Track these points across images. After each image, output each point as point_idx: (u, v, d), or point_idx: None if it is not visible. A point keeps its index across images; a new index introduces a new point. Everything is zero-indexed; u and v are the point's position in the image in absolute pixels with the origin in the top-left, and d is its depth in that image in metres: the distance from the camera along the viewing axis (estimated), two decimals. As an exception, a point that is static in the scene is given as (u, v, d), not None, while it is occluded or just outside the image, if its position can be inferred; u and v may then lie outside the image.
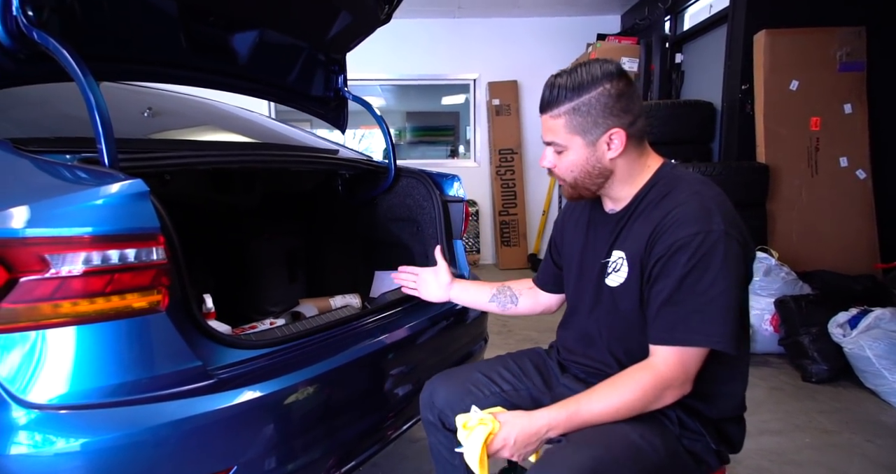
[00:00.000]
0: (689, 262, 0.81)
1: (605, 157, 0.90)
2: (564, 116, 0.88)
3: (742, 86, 3.24)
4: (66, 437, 0.76)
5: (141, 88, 1.63)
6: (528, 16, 5.23)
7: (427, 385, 1.10)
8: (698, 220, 0.82)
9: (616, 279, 0.93)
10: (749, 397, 0.96)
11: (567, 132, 0.89)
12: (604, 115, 0.87)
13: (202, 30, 1.27)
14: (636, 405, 0.84)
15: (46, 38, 0.87)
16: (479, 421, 0.87)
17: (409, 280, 1.33)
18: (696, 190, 0.87)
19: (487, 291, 1.25)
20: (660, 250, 0.84)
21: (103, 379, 0.78)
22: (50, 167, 0.82)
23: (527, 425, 0.84)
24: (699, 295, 0.81)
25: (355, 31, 1.58)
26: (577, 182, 0.94)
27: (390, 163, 1.68)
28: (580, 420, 0.84)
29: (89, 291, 0.76)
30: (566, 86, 0.87)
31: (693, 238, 0.81)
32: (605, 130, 0.87)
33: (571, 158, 0.91)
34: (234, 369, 0.93)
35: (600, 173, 0.92)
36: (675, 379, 0.83)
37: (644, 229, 0.88)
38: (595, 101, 0.86)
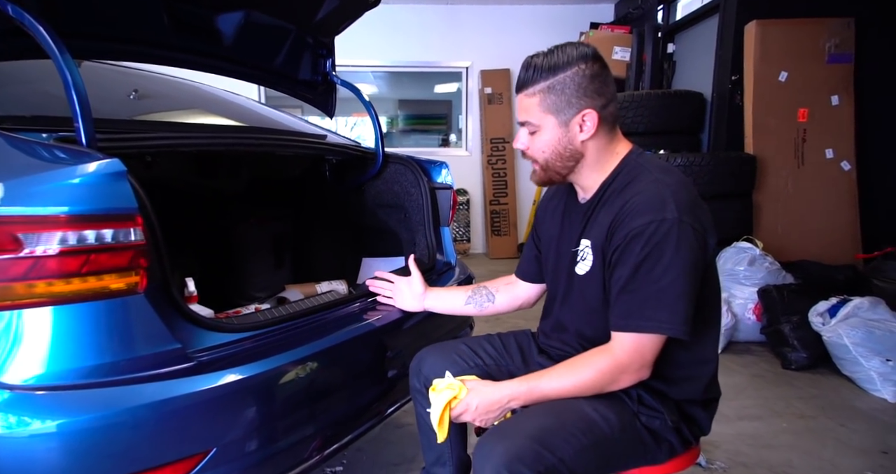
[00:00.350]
0: (642, 251, 0.83)
1: (577, 139, 0.90)
2: (539, 95, 0.89)
3: (732, 76, 3.25)
4: (41, 418, 0.75)
5: (128, 70, 1.60)
6: (521, 4, 5.19)
7: (417, 354, 1.15)
8: (652, 209, 0.84)
9: (583, 267, 0.95)
10: (730, 384, 0.99)
11: (541, 111, 0.90)
12: (577, 95, 0.87)
13: (186, 9, 1.25)
14: (591, 386, 0.88)
15: (21, 13, 0.85)
16: (447, 385, 0.94)
17: (385, 289, 1.31)
18: (656, 178, 0.88)
19: (462, 295, 1.25)
20: (618, 239, 0.87)
21: (79, 361, 0.78)
22: (25, 145, 0.80)
23: (490, 394, 0.90)
24: (652, 282, 0.83)
25: (343, 13, 1.55)
26: (548, 163, 0.94)
27: (378, 149, 1.67)
28: (539, 394, 0.89)
29: (65, 271, 0.75)
30: (542, 65, 0.88)
31: (647, 227, 0.83)
32: (578, 111, 0.88)
33: (544, 138, 0.92)
34: (215, 352, 0.93)
35: (571, 155, 0.92)
36: (631, 364, 0.86)
37: (606, 218, 0.90)
38: (570, 80, 0.87)
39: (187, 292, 1.25)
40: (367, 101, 1.68)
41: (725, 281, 2.72)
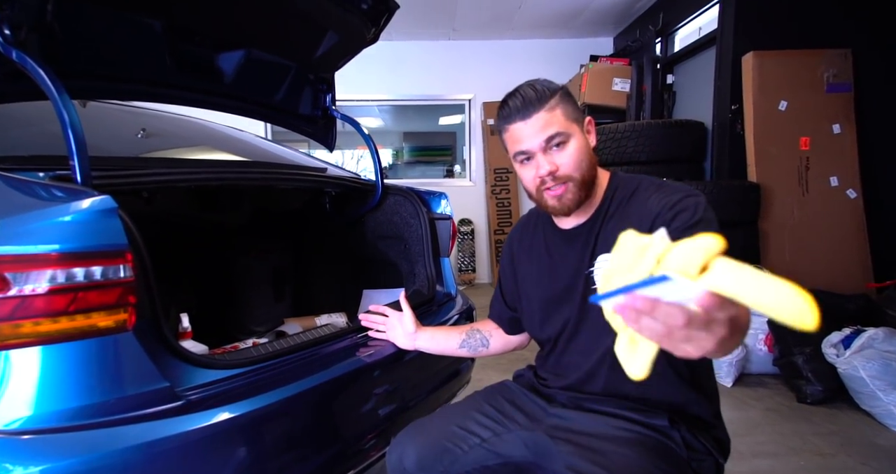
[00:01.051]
0: (693, 216, 0.80)
1: (592, 145, 0.93)
2: (560, 105, 0.89)
3: (732, 106, 3.28)
4: (24, 464, 0.73)
5: (138, 110, 1.65)
6: (522, 38, 5.33)
7: (394, 444, 0.99)
8: (682, 191, 0.85)
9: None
10: (743, 418, 0.95)
11: (566, 119, 0.89)
12: (574, 106, 0.92)
13: (187, 49, 1.28)
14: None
15: (24, 58, 0.88)
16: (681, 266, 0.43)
17: (377, 323, 1.26)
18: (661, 182, 0.91)
19: (456, 337, 1.19)
20: (655, 223, 0.81)
21: (65, 402, 0.76)
22: (20, 184, 0.81)
23: None
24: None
25: (342, 50, 1.59)
26: (583, 176, 0.89)
27: (377, 181, 1.67)
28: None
29: (52, 310, 0.74)
30: (540, 87, 0.90)
31: (686, 200, 0.82)
32: (584, 118, 0.93)
33: (577, 146, 0.89)
34: (205, 390, 0.90)
35: (593, 163, 0.92)
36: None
37: (626, 224, 0.83)
38: (566, 94, 0.92)
39: (181, 328, 1.23)
40: (366, 134, 1.70)
41: (734, 310, 2.66)
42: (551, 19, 4.88)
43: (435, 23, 4.92)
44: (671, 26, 4.24)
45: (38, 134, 1.20)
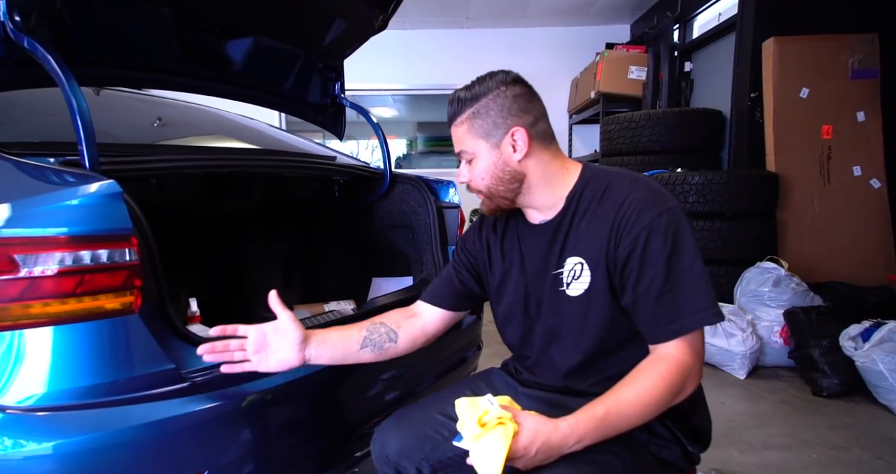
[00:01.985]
0: (665, 244, 0.80)
1: (513, 160, 0.88)
2: (466, 122, 0.89)
3: (751, 94, 3.20)
4: (36, 440, 0.75)
5: (156, 99, 1.67)
6: (536, 25, 5.25)
7: (377, 433, 0.98)
8: (654, 202, 0.82)
9: (578, 287, 0.88)
10: (755, 410, 0.93)
11: (471, 137, 0.89)
12: (502, 116, 0.87)
13: (196, 36, 1.29)
14: (663, 400, 0.77)
15: (34, 45, 0.89)
16: (497, 420, 0.72)
17: (230, 350, 0.89)
18: (633, 177, 0.88)
19: (356, 336, 0.97)
20: (628, 242, 0.81)
21: (74, 381, 0.78)
22: (29, 169, 0.83)
23: (553, 436, 0.73)
24: (688, 272, 0.79)
25: (350, 38, 1.59)
26: (490, 190, 0.91)
27: (385, 169, 1.68)
28: (609, 426, 0.75)
29: (60, 292, 0.76)
30: (464, 96, 0.89)
31: (660, 219, 0.81)
32: (506, 130, 0.87)
33: (481, 165, 0.90)
34: (210, 373, 0.92)
35: (512, 177, 0.89)
36: (695, 365, 0.80)
37: (599, 228, 0.85)
38: (492, 102, 0.87)
39: (190, 312, 1.26)
40: (375, 122, 1.70)
41: (750, 302, 2.62)
42: (566, 6, 4.80)
43: (448, 11, 4.87)
44: (690, 12, 4.13)
45: (53, 121, 1.22)
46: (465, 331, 1.58)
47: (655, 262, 0.80)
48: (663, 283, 0.79)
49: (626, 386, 0.78)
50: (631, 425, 0.77)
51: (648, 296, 0.80)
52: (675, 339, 0.79)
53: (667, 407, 0.79)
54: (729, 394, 2.26)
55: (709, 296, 0.79)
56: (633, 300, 0.82)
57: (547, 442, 0.73)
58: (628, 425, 0.77)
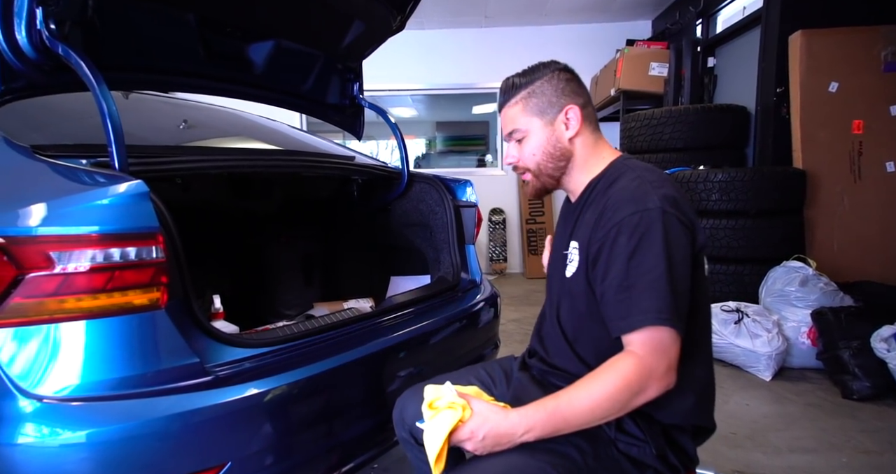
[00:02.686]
0: (629, 242, 0.81)
1: (564, 137, 0.94)
2: (521, 102, 0.95)
3: (777, 89, 3.12)
4: (70, 429, 0.79)
5: (182, 102, 1.73)
6: (556, 23, 5.22)
7: (398, 401, 1.08)
8: (633, 201, 0.83)
9: (570, 269, 0.93)
10: (781, 412, 0.90)
11: (525, 115, 0.95)
12: (557, 95, 0.93)
13: (219, 40, 1.33)
14: (620, 399, 0.78)
15: (68, 52, 0.93)
16: (448, 404, 0.79)
17: None
18: (638, 175, 0.88)
19: None
20: (599, 235, 0.85)
21: (105, 373, 0.82)
22: (62, 170, 0.86)
23: (501, 424, 0.77)
24: (646, 273, 0.79)
25: (369, 39, 1.61)
26: (539, 167, 0.96)
27: (403, 169, 1.69)
28: (560, 419, 0.77)
29: (92, 288, 0.80)
30: (519, 80, 0.95)
31: (630, 217, 0.81)
32: (561, 108, 0.93)
33: (533, 142, 0.95)
34: (233, 367, 0.95)
35: (562, 154, 0.95)
36: (658, 365, 0.78)
37: (591, 217, 0.90)
38: (547, 83, 0.94)
39: (213, 309, 1.29)
40: (392, 122, 1.72)
41: (776, 302, 2.56)
42: (586, 3, 4.75)
43: (467, 10, 4.87)
44: (713, 7, 4.04)
45: (86, 124, 1.27)
46: (483, 329, 1.58)
47: (617, 260, 0.82)
48: (620, 281, 0.81)
49: (584, 381, 0.80)
50: (585, 421, 0.78)
51: (609, 291, 0.83)
52: (636, 335, 0.79)
53: (626, 406, 0.79)
54: (754, 396, 2.21)
55: (661, 299, 0.78)
56: (601, 293, 0.85)
57: (495, 429, 0.77)
58: (582, 420, 0.78)
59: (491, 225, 5.40)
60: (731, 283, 2.79)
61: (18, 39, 0.94)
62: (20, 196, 0.82)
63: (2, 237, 0.76)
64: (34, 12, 0.92)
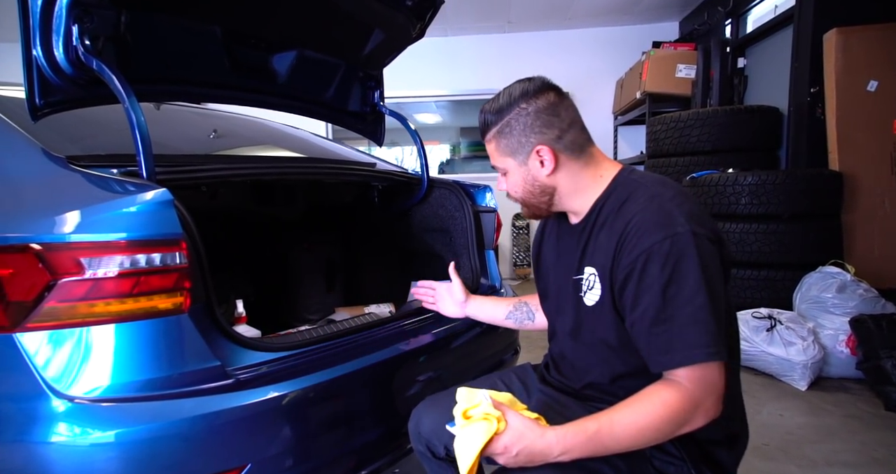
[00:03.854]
0: (663, 272, 0.75)
1: (541, 175, 0.89)
2: (494, 140, 0.91)
3: (811, 89, 3.01)
4: (100, 428, 0.81)
5: (210, 112, 1.79)
6: (580, 27, 5.18)
7: (413, 413, 1.07)
8: (660, 225, 0.77)
9: (591, 298, 0.88)
10: (819, 424, 0.87)
11: (500, 155, 0.92)
12: (525, 135, 0.87)
13: (244, 51, 1.36)
14: (664, 428, 0.74)
15: (102, 66, 0.97)
16: (483, 415, 0.76)
17: (427, 295, 1.32)
18: (653, 193, 0.82)
19: (504, 308, 1.24)
20: (626, 264, 0.79)
21: (132, 375, 0.84)
22: (94, 179, 0.90)
23: (537, 442, 0.74)
24: (685, 305, 0.74)
25: (389, 47, 1.63)
26: (525, 201, 0.94)
27: (423, 175, 1.70)
28: (598, 444, 0.74)
29: (120, 292, 0.83)
30: (490, 111, 0.90)
31: (661, 245, 0.76)
32: (531, 148, 0.88)
33: (512, 180, 0.93)
34: (253, 370, 0.97)
35: (542, 191, 0.91)
36: (706, 398, 0.75)
37: (609, 241, 0.84)
38: (514, 121, 0.87)
39: (237, 313, 1.32)
40: (413, 129, 1.73)
41: (812, 308, 2.46)
42: (611, 6, 4.70)
43: (490, 15, 4.89)
44: (743, 6, 3.95)
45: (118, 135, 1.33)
46: (503, 335, 1.57)
47: (650, 290, 0.76)
48: (657, 313, 0.76)
49: (625, 406, 0.76)
50: (623, 448, 0.75)
51: (643, 323, 0.78)
52: (686, 373, 0.75)
53: (668, 436, 0.76)
54: (788, 407, 2.12)
55: (707, 333, 0.74)
56: (630, 323, 0.80)
57: (529, 447, 0.74)
58: (620, 447, 0.75)
59: (514, 230, 5.37)
60: (761, 289, 2.70)
61: (56, 56, 0.98)
62: (55, 204, 0.86)
63: (38, 244, 0.80)
64: (71, 29, 0.97)
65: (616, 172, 0.90)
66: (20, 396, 0.81)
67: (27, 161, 0.97)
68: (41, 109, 1.01)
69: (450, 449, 0.96)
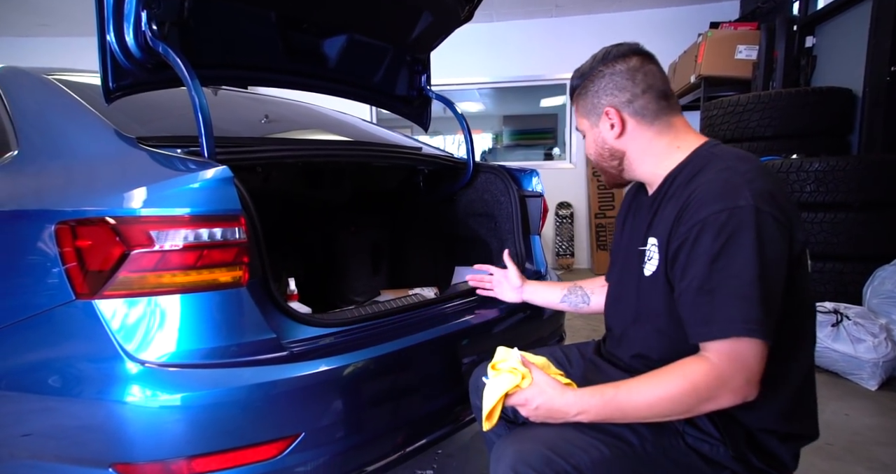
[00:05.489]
0: (715, 242, 0.74)
1: (610, 138, 0.92)
2: (575, 101, 0.97)
3: (892, 68, 2.78)
4: (168, 391, 0.87)
5: (262, 97, 1.85)
6: (631, 9, 4.98)
7: (476, 370, 1.12)
8: (721, 197, 0.76)
9: (650, 268, 0.88)
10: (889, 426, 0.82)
11: (579, 115, 0.97)
12: (598, 96, 0.91)
13: (296, 36, 1.40)
14: (683, 402, 0.75)
15: (168, 50, 1.02)
16: (510, 368, 0.84)
17: (485, 282, 1.36)
18: (728, 165, 0.80)
19: (559, 291, 1.26)
20: (681, 233, 0.79)
21: (196, 343, 0.89)
22: (161, 158, 0.95)
23: (556, 399, 0.79)
24: (733, 277, 0.73)
25: (437, 30, 1.62)
26: (597, 164, 0.99)
27: (469, 159, 1.70)
28: (615, 408, 0.77)
29: (185, 264, 0.87)
30: (576, 74, 0.96)
31: (718, 215, 0.74)
32: (601, 110, 0.91)
33: (587, 141, 0.98)
34: (307, 344, 1.00)
35: (611, 155, 0.94)
36: (734, 376, 0.74)
37: (671, 212, 0.83)
38: (590, 83, 0.92)
39: (289, 290, 1.37)
40: (459, 113, 1.73)
41: (884, 304, 2.29)
42: (665, -15, 4.48)
43: (537, 0, 4.77)
44: (814, -20, 3.67)
45: (185, 118, 1.39)
46: (547, 321, 1.55)
47: (699, 259, 0.76)
48: (701, 283, 0.75)
49: (649, 376, 0.79)
50: (642, 415, 0.78)
51: (688, 293, 0.77)
52: (715, 344, 0.74)
53: (691, 410, 0.76)
54: (855, 406, 2.00)
55: (749, 309, 0.72)
56: (678, 293, 0.80)
57: (549, 402, 0.79)
58: (638, 415, 0.78)
59: (558, 219, 5.28)
60: (827, 282, 2.54)
61: (127, 40, 1.04)
62: (127, 181, 0.91)
63: (113, 217, 0.86)
64: (140, 15, 1.02)
65: (698, 145, 0.88)
66: (99, 358, 0.87)
67: (102, 141, 1.03)
68: (114, 92, 1.07)
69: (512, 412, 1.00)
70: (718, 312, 0.74)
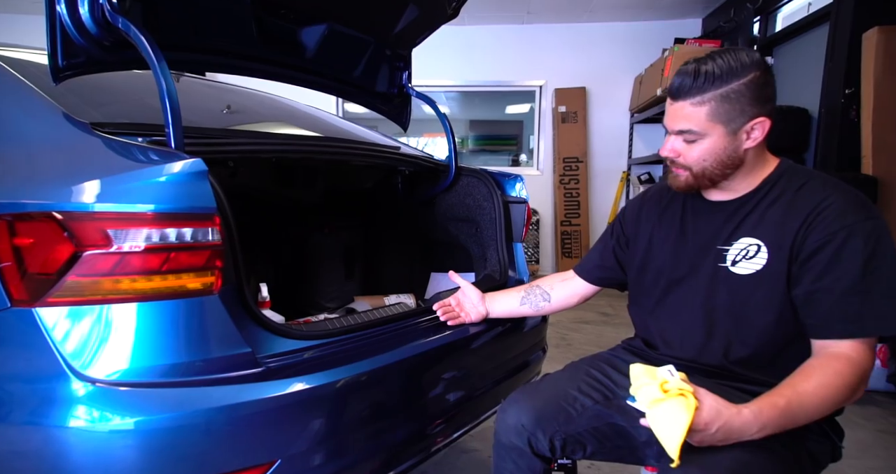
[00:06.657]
0: (866, 247, 0.81)
1: (742, 147, 0.89)
2: (710, 103, 0.86)
3: (846, 90, 2.92)
4: (121, 414, 0.75)
5: (224, 86, 1.71)
6: (600, 21, 5.08)
7: (507, 405, 1.00)
8: (860, 208, 0.83)
9: (749, 266, 0.90)
10: (851, 439, 0.91)
11: (709, 120, 0.87)
12: (752, 104, 0.86)
13: (273, 22, 1.29)
14: (839, 400, 0.79)
15: (129, 26, 0.90)
16: (678, 390, 0.74)
17: (451, 313, 1.23)
18: (835, 183, 0.88)
19: (516, 295, 1.24)
20: (821, 236, 0.83)
21: (157, 359, 0.78)
22: (119, 146, 0.83)
23: (734, 420, 0.74)
24: (883, 280, 0.80)
25: (422, 25, 1.55)
26: (705, 171, 0.91)
27: (451, 161, 1.63)
28: (789, 419, 0.77)
29: (147, 269, 0.76)
30: (713, 72, 0.85)
31: (864, 224, 0.82)
32: (750, 119, 0.87)
33: (706, 147, 0.89)
34: (284, 359, 0.90)
35: (733, 163, 0.90)
36: (870, 368, 0.81)
37: (789, 218, 0.87)
38: (745, 88, 0.85)
39: (260, 297, 1.26)
40: (442, 113, 1.66)
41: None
42: (633, 0, 4.60)
43: (509, 5, 4.79)
44: (773, 3, 3.85)
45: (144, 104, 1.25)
46: (530, 334, 1.50)
47: (851, 261, 0.81)
48: (854, 283, 0.81)
49: (803, 379, 0.79)
50: (809, 419, 0.78)
51: (831, 292, 0.82)
52: (852, 341, 0.81)
53: (840, 405, 0.80)
54: (813, 416, 2.06)
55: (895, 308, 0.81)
56: (808, 292, 0.84)
57: (728, 424, 0.74)
58: (807, 418, 0.78)
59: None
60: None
61: (81, 14, 0.91)
62: (78, 171, 0.79)
63: (59, 212, 0.73)
64: (97, -15, 0.89)
65: (779, 160, 0.95)
66: (37, 375, 0.74)
67: (47, 125, 0.90)
68: (63, 71, 0.94)
69: (556, 442, 0.95)
70: (871, 311, 0.80)
